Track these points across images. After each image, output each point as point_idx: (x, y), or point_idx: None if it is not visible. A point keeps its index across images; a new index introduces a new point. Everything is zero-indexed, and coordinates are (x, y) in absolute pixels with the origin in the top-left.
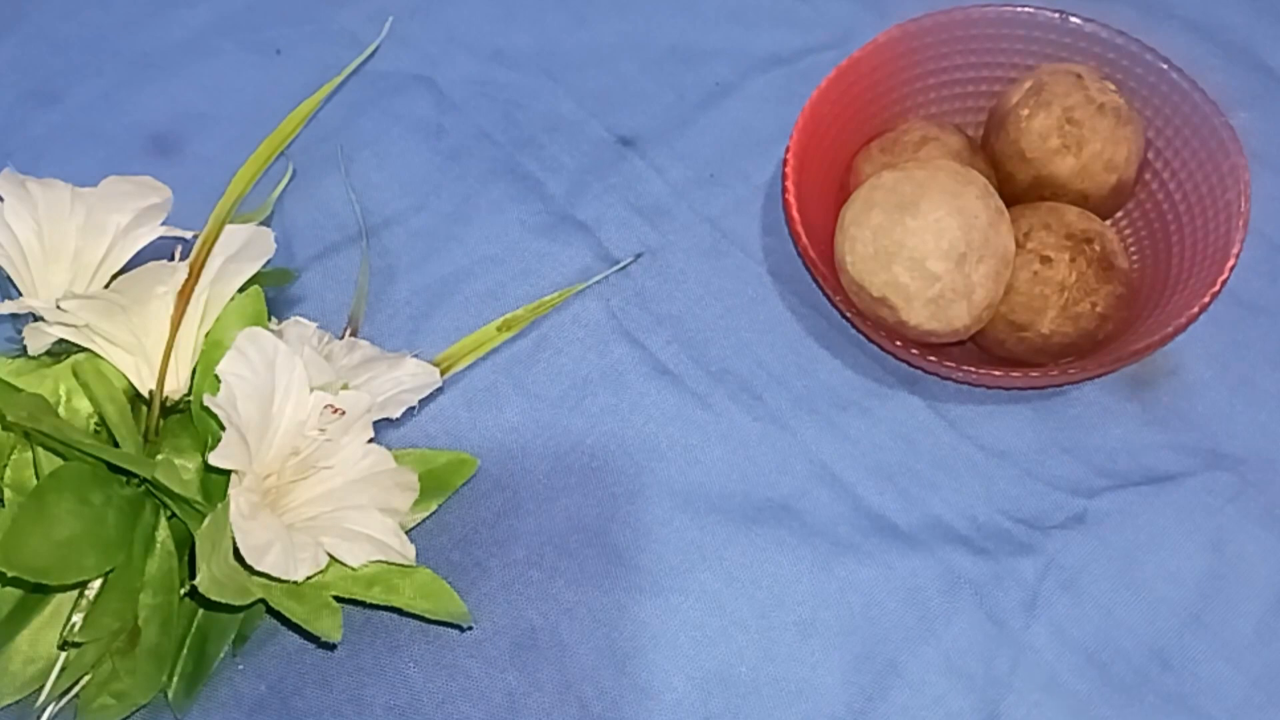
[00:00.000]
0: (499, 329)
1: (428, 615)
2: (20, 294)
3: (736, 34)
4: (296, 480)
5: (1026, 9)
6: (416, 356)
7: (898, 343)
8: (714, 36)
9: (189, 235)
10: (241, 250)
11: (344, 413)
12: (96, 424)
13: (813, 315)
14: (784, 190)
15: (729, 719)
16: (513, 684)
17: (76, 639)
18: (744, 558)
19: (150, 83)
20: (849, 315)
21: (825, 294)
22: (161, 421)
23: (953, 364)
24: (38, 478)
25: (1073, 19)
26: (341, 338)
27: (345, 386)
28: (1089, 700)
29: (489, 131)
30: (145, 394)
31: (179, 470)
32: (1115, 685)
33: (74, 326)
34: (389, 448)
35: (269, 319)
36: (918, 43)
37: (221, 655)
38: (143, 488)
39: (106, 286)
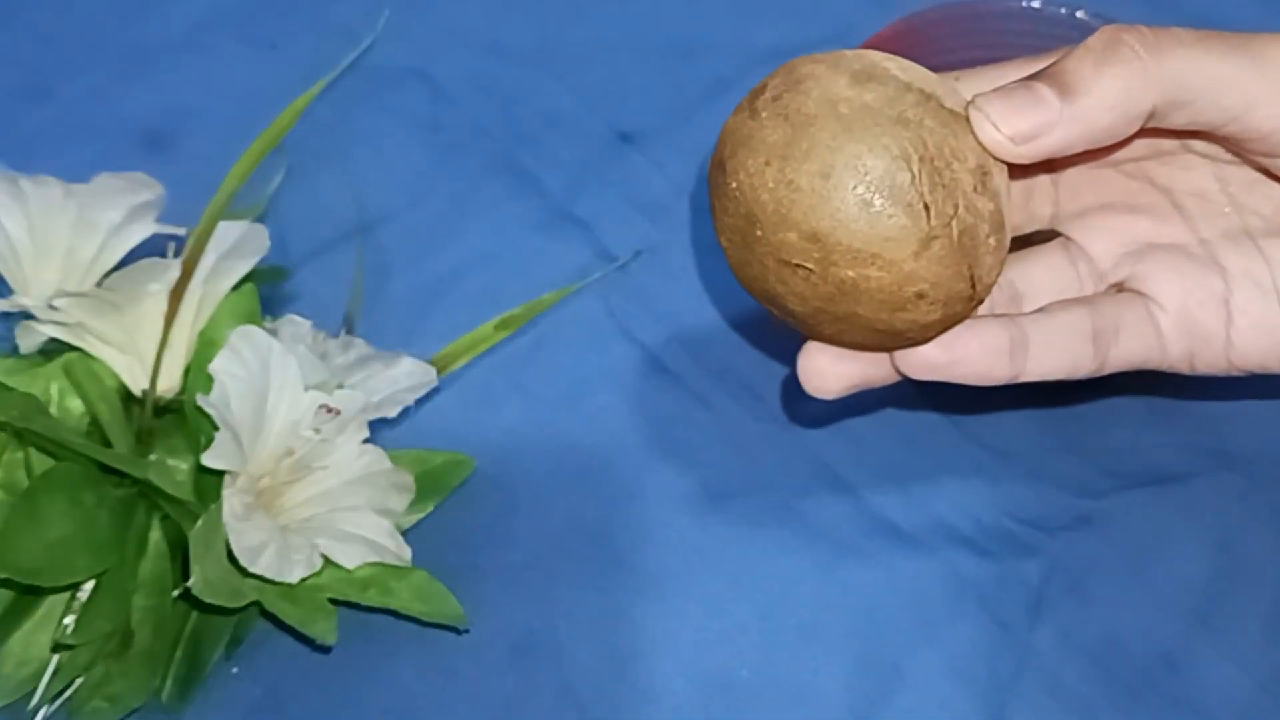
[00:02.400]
0: (496, 327)
1: (423, 618)
2: (12, 292)
3: (737, 28)
4: (291, 481)
5: (1033, 3)
6: (412, 355)
7: None
8: (715, 30)
9: (182, 232)
10: (235, 247)
11: (339, 412)
12: (89, 424)
13: None
14: None
15: None
16: (510, 687)
17: (69, 641)
18: (745, 559)
19: (143, 77)
20: None
21: None
22: (155, 421)
23: None
24: (29, 478)
25: (1079, 13)
26: (337, 336)
27: (340, 386)
28: (1094, 703)
29: (486, 126)
30: (138, 393)
31: (172, 471)
32: (1121, 688)
33: (66, 325)
34: (384, 448)
35: (263, 317)
36: (921, 36)
37: (216, 658)
38: (135, 488)
39: (99, 284)
